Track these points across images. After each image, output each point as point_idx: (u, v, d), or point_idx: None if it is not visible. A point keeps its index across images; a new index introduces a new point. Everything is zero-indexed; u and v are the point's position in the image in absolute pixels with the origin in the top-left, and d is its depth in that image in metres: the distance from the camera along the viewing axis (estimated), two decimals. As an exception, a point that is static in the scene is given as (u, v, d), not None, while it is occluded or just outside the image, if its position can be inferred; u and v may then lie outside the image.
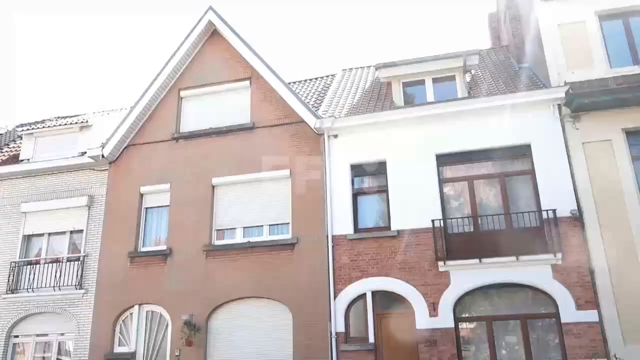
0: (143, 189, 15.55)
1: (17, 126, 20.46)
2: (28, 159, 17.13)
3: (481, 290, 12.46)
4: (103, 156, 15.77)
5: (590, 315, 11.49)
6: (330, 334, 12.74)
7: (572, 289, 11.75)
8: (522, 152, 13.14)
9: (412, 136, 13.85)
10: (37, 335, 15.15)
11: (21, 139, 18.85)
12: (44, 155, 17.00)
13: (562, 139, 12.80)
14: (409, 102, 14.98)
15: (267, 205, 14.47)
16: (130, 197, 15.54)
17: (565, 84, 13.06)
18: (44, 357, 15.07)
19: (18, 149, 18.20)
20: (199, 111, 16.14)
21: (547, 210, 12.28)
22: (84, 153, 16.29)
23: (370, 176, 14.28)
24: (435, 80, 14.90)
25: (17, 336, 15.33)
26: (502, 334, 12.24)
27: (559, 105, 13.03)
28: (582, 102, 12.53)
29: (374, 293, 12.96)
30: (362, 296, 13.02)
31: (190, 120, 16.12)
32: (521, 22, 16.83)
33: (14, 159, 17.55)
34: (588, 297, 11.62)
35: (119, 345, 14.33)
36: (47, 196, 16.32)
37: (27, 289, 15.40)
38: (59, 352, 14.93)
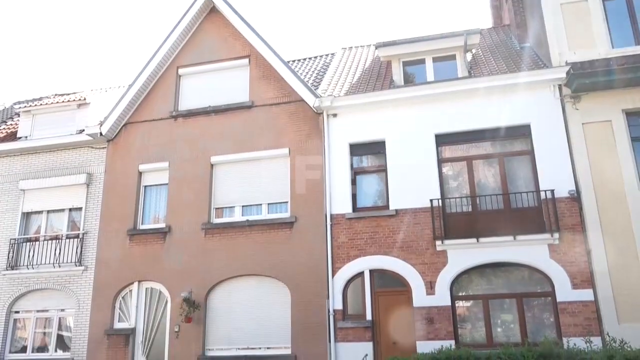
0: (142, 167, 15.55)
1: (15, 103, 20.35)
2: (26, 137, 17.08)
3: (478, 269, 12.58)
4: (101, 134, 15.74)
5: (586, 295, 11.62)
6: (328, 312, 12.89)
7: (568, 269, 11.87)
8: (522, 132, 13.14)
9: (412, 116, 13.83)
10: (38, 311, 15.31)
11: (18, 116, 18.79)
12: (41, 133, 16.94)
13: (562, 120, 12.79)
14: (409, 81, 14.91)
15: (266, 184, 14.50)
16: (129, 175, 15.55)
17: (567, 64, 13.00)
18: (44, 333, 15.25)
19: (16, 127, 18.13)
20: (197, 89, 16.06)
21: (545, 191, 12.34)
22: (82, 131, 16.23)
23: (369, 156, 14.29)
24: (435, 60, 14.81)
25: (17, 312, 15.49)
26: (498, 312, 12.39)
27: (559, 85, 12.99)
28: (583, 82, 12.48)
29: (371, 271, 13.08)
30: (360, 274, 13.13)
31: (188, 98, 16.04)
32: (523, 1, 16.65)
33: (12, 136, 17.50)
34: (584, 277, 11.74)
35: (118, 321, 14.48)
36: (45, 174, 16.34)
37: (27, 265, 15.51)
38: (60, 328, 15.10)
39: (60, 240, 15.61)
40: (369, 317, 12.73)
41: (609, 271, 11.57)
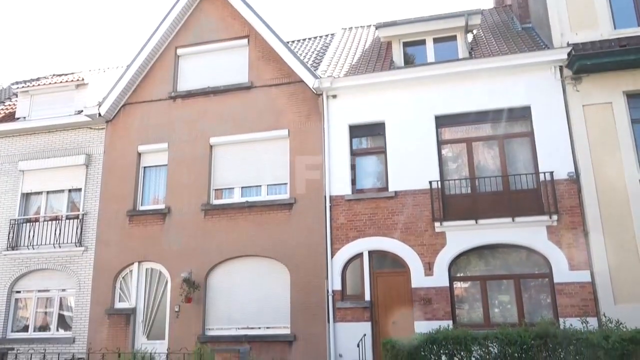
0: (141, 148, 15.53)
1: (12, 84, 20.21)
2: (24, 117, 17.01)
3: (476, 250, 12.65)
4: (100, 115, 15.68)
5: (583, 276, 11.72)
6: (327, 292, 12.99)
7: (566, 250, 11.94)
8: (522, 114, 13.10)
9: (412, 97, 13.77)
10: (39, 291, 15.42)
11: (16, 96, 18.68)
12: (40, 113, 16.87)
13: (562, 102, 12.74)
14: (409, 62, 14.81)
15: (265, 165, 14.49)
16: (128, 156, 15.54)
17: (568, 44, 12.90)
18: (46, 312, 15.39)
19: (14, 107, 18.05)
20: (196, 70, 15.95)
21: (544, 173, 12.35)
22: (80, 111, 16.17)
23: (368, 137, 14.27)
24: (436, 41, 14.70)
25: (19, 291, 15.61)
26: (495, 293, 12.50)
27: (560, 67, 12.92)
28: (584, 63, 12.40)
29: (370, 252, 13.16)
30: (359, 255, 13.21)
31: (187, 79, 15.95)
32: (525, -20, 16.45)
33: (10, 117, 17.43)
34: (581, 258, 11.82)
35: (119, 301, 14.61)
36: (44, 154, 16.32)
37: (28, 246, 15.58)
38: (61, 308, 15.23)
39: (60, 221, 15.66)
40: (367, 297, 12.84)
41: (606, 252, 11.65)
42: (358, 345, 11.89)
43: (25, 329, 15.30)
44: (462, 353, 6.92)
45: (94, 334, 14.21)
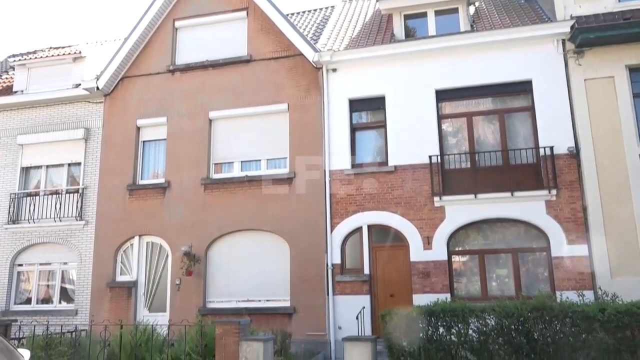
0: (140, 122, 15.46)
1: (9, 57, 20.01)
2: (22, 91, 16.89)
3: (475, 225, 12.72)
4: (98, 88, 15.56)
5: (580, 250, 11.81)
6: (327, 266, 13.10)
7: (564, 225, 12.01)
8: (523, 88, 13.01)
9: (412, 71, 13.65)
10: (41, 264, 15.55)
11: (13, 69, 18.51)
12: (37, 87, 16.74)
13: (564, 76, 12.65)
14: (410, 35, 14.63)
15: (265, 140, 14.45)
16: (127, 130, 15.48)
17: (571, 17, 12.73)
18: (48, 285, 15.55)
19: (11, 80, 17.90)
20: (195, 43, 15.76)
21: (544, 147, 12.33)
22: (78, 85, 16.05)
23: (368, 111, 14.20)
24: (437, 13, 14.49)
25: (21, 265, 15.74)
26: (493, 267, 12.61)
27: (562, 40, 12.78)
28: (587, 37, 12.26)
29: (370, 227, 13.22)
30: (358, 229, 13.28)
31: (186, 52, 15.77)
32: (529, -49, 16.13)
33: (7, 90, 17.31)
34: (579, 233, 11.89)
35: (120, 274, 14.74)
36: (43, 128, 16.26)
37: (28, 220, 15.64)
38: (63, 281, 15.38)
39: (60, 195, 15.69)
40: (366, 271, 12.95)
41: (604, 227, 11.72)
42: (357, 318, 12.05)
43: (28, 301, 15.48)
44: (459, 325, 7.01)
45: (96, 306, 14.38)
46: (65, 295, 15.25)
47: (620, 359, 6.32)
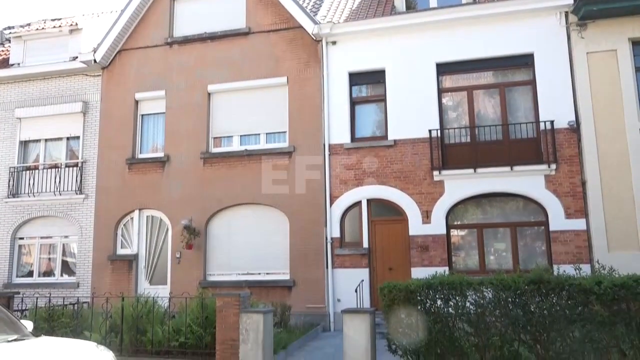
0: (138, 96, 15.35)
1: (5, 29, 19.75)
2: (18, 63, 16.72)
3: (474, 199, 12.75)
4: (95, 61, 15.40)
5: (579, 224, 11.87)
6: (326, 239, 13.18)
7: (562, 199, 12.04)
8: (525, 61, 12.89)
9: (413, 44, 13.49)
10: (42, 237, 15.64)
11: (9, 42, 18.28)
12: (34, 60, 16.56)
13: (567, 49, 12.52)
14: (411, 7, 14.41)
15: (264, 114, 14.37)
16: (125, 104, 15.38)
17: (575, -11, 12.53)
18: (49, 258, 15.67)
19: (7, 53, 17.70)
20: (192, 15, 15.51)
21: (544, 122, 12.28)
22: (75, 58, 15.87)
23: (368, 85, 14.10)
24: (439, -16, 14.25)
25: (22, 238, 15.83)
26: (491, 241, 12.69)
27: (565, 12, 12.60)
28: (590, 9, 12.08)
29: (369, 201, 13.26)
30: (358, 203, 13.32)
31: (184, 25, 15.54)
32: None
33: (4, 63, 17.12)
34: (578, 207, 11.94)
35: (121, 248, 14.84)
36: (41, 102, 16.15)
37: (28, 193, 15.66)
38: (64, 254, 15.49)
39: (59, 169, 15.68)
40: (365, 244, 13.04)
41: (602, 201, 11.75)
42: (356, 291, 12.18)
43: (30, 274, 15.62)
44: (457, 298, 7.07)
45: (97, 279, 14.52)
46: (67, 268, 15.38)
47: (615, 331, 6.39)
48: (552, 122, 12.20)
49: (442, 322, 7.06)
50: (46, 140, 16.15)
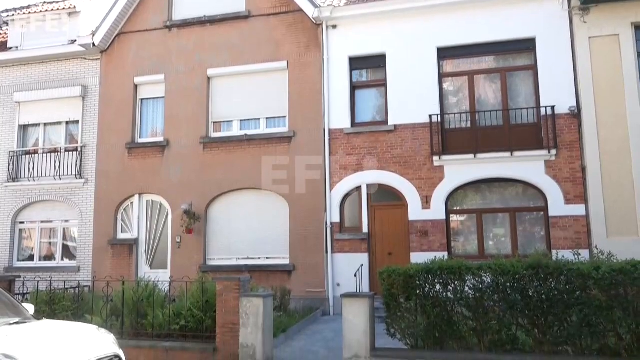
0: (137, 80, 15.27)
1: (2, 12, 19.55)
2: (16, 47, 16.60)
3: (474, 184, 12.76)
4: (94, 45, 15.29)
5: (578, 209, 11.89)
6: (326, 224, 13.21)
7: (562, 185, 12.05)
8: (526, 46, 12.80)
9: (414, 28, 13.38)
10: (42, 221, 15.67)
11: (7, 25, 18.12)
12: (32, 43, 16.43)
13: (569, 33, 12.43)
14: (412, -10, 14.24)
15: (264, 98, 14.31)
16: (124, 88, 15.31)
17: (578, -27, 12.41)
18: (50, 242, 15.72)
19: (5, 36, 17.57)
20: (192, -3, 15.37)
21: (545, 107, 12.24)
22: (74, 41, 15.75)
23: (369, 69, 14.02)
24: (441, -33, 14.08)
25: (22, 222, 15.86)
26: (490, 226, 12.73)
27: (568, -4, 12.50)
28: (593, -7, 11.99)
29: (369, 186, 13.26)
30: (358, 189, 13.32)
31: (183, 8, 15.38)
32: None
33: (2, 47, 17.00)
34: (577, 192, 11.96)
35: (121, 232, 14.88)
36: (40, 85, 16.07)
37: (28, 177, 15.66)
38: (65, 238, 15.54)
39: (59, 153, 15.66)
40: (365, 229, 13.07)
41: (602, 187, 11.76)
42: (355, 275, 12.24)
43: (31, 258, 15.69)
44: (456, 282, 7.10)
45: (98, 263, 14.59)
46: (68, 253, 15.44)
47: (613, 315, 6.43)
48: (552, 108, 12.16)
49: (441, 307, 7.11)
50: (45, 124, 16.10)
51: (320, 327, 11.17)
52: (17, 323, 5.59)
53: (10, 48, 16.61)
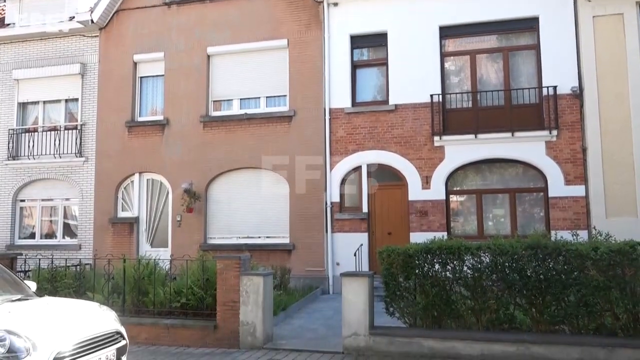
0: (136, 57, 15.14)
1: (-1, -13, 19.31)
2: (14, 23, 16.42)
3: (474, 165, 12.75)
4: (92, 21, 15.12)
5: (578, 190, 11.91)
6: (326, 204, 13.24)
7: (563, 165, 12.05)
8: (529, 25, 12.67)
9: (416, 6, 13.23)
10: (43, 200, 15.71)
11: (5, 1, 17.90)
12: (30, 20, 16.25)
13: (572, 12, 12.29)
14: (414, -32, 14.05)
15: (264, 77, 14.22)
16: (123, 66, 15.19)
17: (583, -50, 12.21)
18: (51, 221, 15.77)
19: (3, 13, 17.37)
20: (191, -26, 15.16)
21: (547, 87, 12.16)
22: (72, 18, 15.58)
23: (370, 48, 13.90)
24: (444, -56, 13.85)
25: (23, 200, 15.89)
26: (490, 207, 12.76)
27: (573, -26, 12.32)
28: (598, -29, 11.82)
29: (369, 166, 13.25)
30: (358, 168, 13.32)
31: (182, -16, 15.20)
32: None
33: (0, 23, 16.82)
34: (577, 173, 11.96)
35: (122, 211, 14.92)
36: (38, 63, 15.94)
37: (28, 156, 15.64)
38: (65, 216, 15.59)
39: (58, 132, 15.62)
40: (365, 209, 13.11)
41: (602, 168, 11.77)
42: (355, 255, 12.31)
43: (32, 236, 15.76)
44: (455, 262, 7.15)
45: (99, 241, 14.65)
46: (69, 231, 15.51)
47: (610, 295, 6.49)
48: (554, 88, 12.09)
49: (440, 286, 7.16)
50: (45, 102, 16.02)
51: (320, 306, 11.27)
52: (19, 300, 5.63)
53: (8, 24, 16.44)
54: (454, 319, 7.20)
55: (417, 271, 7.26)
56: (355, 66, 13.75)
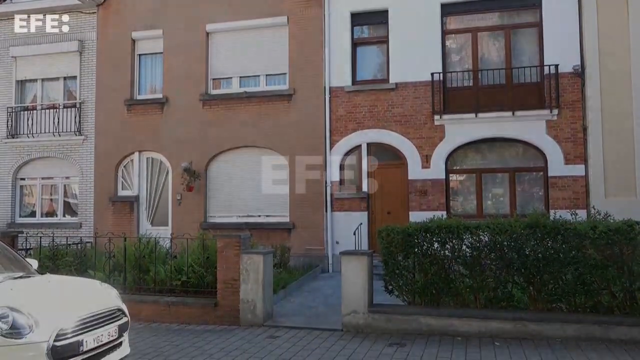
0: (135, 35, 14.99)
1: (-5, -38, 19.01)
2: (11, 0, 16.21)
3: (474, 144, 12.73)
4: (90, -3, 14.94)
5: (577, 170, 11.91)
6: (325, 183, 13.24)
7: (563, 145, 12.03)
8: (532, 2, 12.53)
9: (418, -18, 13.04)
10: (43, 178, 15.71)
11: (1, -23, 17.65)
12: (27, -5, 16.06)
13: (576, -11, 12.13)
14: (416, -57, 13.81)
15: (264, 55, 14.09)
16: (122, 43, 15.04)
17: None
18: (51, 199, 15.81)
19: (-1, -11, 17.14)
20: (189, -51, 14.91)
21: (549, 66, 12.07)
22: (69, -6, 15.38)
23: (370, 26, 13.74)
24: None
25: (23, 179, 15.89)
26: (489, 186, 12.77)
27: (577, -50, 12.12)
28: (603, -54, 11.62)
29: (369, 145, 13.23)
30: (358, 147, 13.29)
31: (180, -41, 14.96)
32: None
33: (-4, -1, 16.61)
34: (577, 153, 11.95)
35: (122, 189, 14.94)
36: (36, 40, 15.76)
37: (27, 134, 15.59)
38: (66, 195, 15.61)
39: (57, 110, 15.54)
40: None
41: (602, 147, 11.75)
42: (354, 234, 12.37)
43: (33, 214, 15.81)
44: (454, 241, 7.19)
45: (99, 220, 14.70)
46: (69, 209, 15.55)
47: (607, 273, 6.54)
48: (556, 67, 11.99)
49: (438, 264, 7.22)
50: (43, 80, 15.91)
51: (320, 284, 11.37)
52: (21, 277, 5.68)
53: (5, 1, 16.22)
54: (452, 297, 7.28)
55: (416, 250, 7.30)
56: (355, 44, 13.62)
